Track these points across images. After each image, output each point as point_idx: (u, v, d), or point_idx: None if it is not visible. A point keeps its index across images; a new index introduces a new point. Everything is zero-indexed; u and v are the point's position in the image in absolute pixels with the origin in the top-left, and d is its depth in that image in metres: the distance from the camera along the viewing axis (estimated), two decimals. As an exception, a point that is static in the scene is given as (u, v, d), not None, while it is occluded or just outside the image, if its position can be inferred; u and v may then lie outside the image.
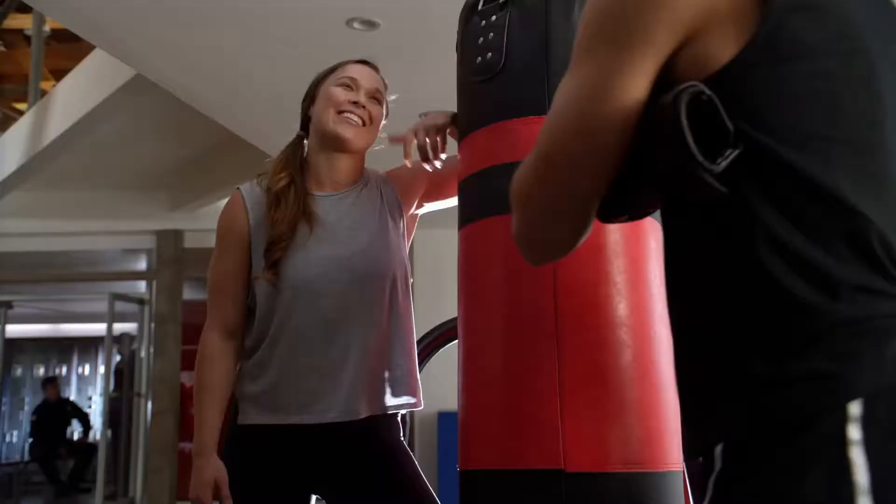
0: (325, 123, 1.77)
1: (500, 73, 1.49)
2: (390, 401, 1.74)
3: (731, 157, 0.77)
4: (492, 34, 1.52)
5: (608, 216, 0.91)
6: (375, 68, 1.87)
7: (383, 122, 1.87)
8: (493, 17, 1.53)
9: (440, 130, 1.72)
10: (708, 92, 0.77)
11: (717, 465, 0.76)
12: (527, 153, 1.45)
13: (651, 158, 0.82)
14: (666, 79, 0.83)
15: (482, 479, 1.42)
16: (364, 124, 1.79)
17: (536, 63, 1.47)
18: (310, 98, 1.85)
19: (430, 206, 1.93)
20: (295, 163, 1.81)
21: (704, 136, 0.76)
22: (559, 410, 1.34)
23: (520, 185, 0.92)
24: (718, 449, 0.76)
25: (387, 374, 1.74)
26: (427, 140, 1.72)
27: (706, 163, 0.76)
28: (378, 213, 1.81)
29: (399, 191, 1.86)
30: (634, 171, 0.85)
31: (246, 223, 1.76)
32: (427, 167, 1.76)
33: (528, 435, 1.35)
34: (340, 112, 1.76)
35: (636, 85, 0.82)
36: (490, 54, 1.51)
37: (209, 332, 1.76)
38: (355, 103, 1.77)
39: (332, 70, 1.84)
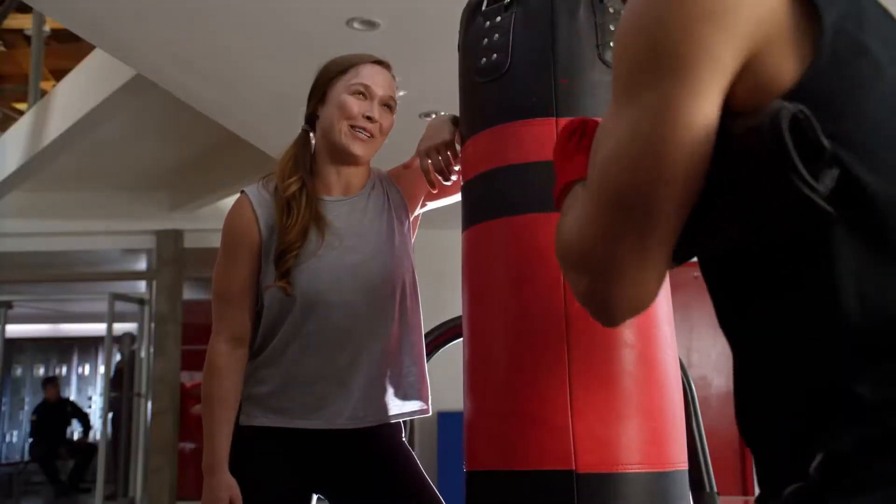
0: (337, 135, 1.73)
1: (506, 74, 1.48)
2: (400, 408, 1.74)
3: (832, 178, 0.70)
4: (496, 35, 1.51)
5: (678, 257, 0.82)
6: (388, 67, 1.82)
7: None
8: (498, 18, 1.52)
9: (448, 146, 1.70)
10: (806, 111, 0.70)
11: (814, 475, 0.71)
12: (533, 155, 1.46)
13: (740, 190, 0.74)
14: (725, 108, 0.76)
15: (490, 480, 1.42)
16: (374, 136, 1.76)
17: (543, 64, 1.46)
18: (319, 95, 1.79)
19: (432, 205, 1.92)
20: (305, 164, 1.77)
21: (801, 159, 0.70)
22: (570, 411, 1.34)
23: (579, 244, 0.83)
24: (816, 461, 0.72)
25: (397, 381, 1.73)
26: (440, 158, 1.70)
27: (814, 182, 0.69)
28: (386, 217, 1.79)
29: (404, 191, 1.85)
30: (708, 210, 0.78)
31: (256, 230, 1.72)
32: (445, 183, 1.73)
33: (538, 436, 1.35)
34: (353, 126, 1.73)
35: (706, 109, 0.75)
36: (495, 55, 1.50)
37: (217, 341, 1.71)
38: (369, 118, 1.73)
39: (345, 70, 1.76)
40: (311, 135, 1.83)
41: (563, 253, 0.86)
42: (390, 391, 1.72)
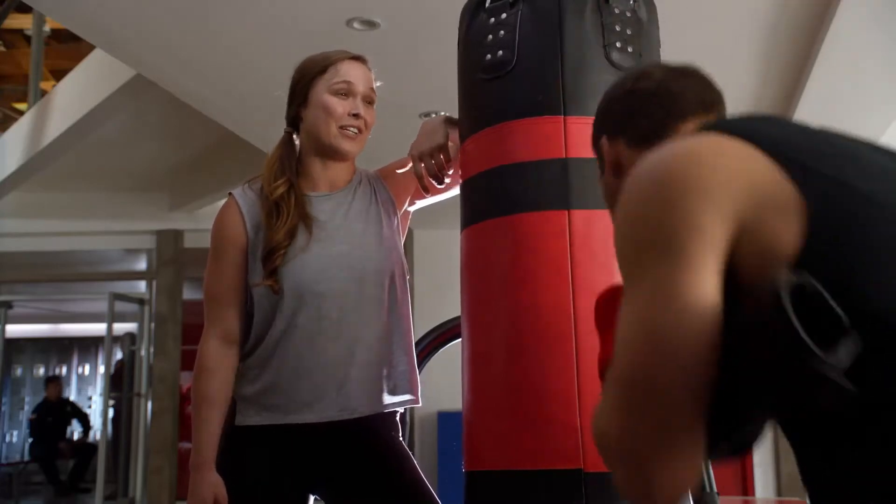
0: (325, 136, 1.75)
1: (512, 71, 1.48)
2: (391, 398, 1.74)
3: (850, 352, 0.67)
4: (502, 32, 1.50)
5: (711, 451, 0.80)
6: (365, 61, 1.83)
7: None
8: (504, 15, 1.51)
9: (442, 149, 1.71)
10: (811, 281, 0.68)
11: None
12: (541, 152, 1.45)
13: (755, 372, 0.71)
14: (734, 283, 0.76)
15: (494, 480, 1.42)
16: (361, 132, 1.78)
17: (551, 62, 1.46)
18: (301, 98, 1.79)
19: (421, 203, 1.92)
20: (291, 166, 1.78)
21: (814, 333, 0.66)
22: (578, 410, 1.34)
23: (608, 431, 0.81)
24: None
25: (388, 371, 1.74)
26: (433, 162, 1.72)
27: (824, 355, 0.65)
28: (373, 210, 1.81)
29: (391, 189, 1.86)
30: (731, 393, 0.75)
31: (243, 230, 1.74)
32: (438, 186, 1.76)
33: (546, 435, 1.35)
34: (342, 127, 1.74)
35: (704, 283, 0.74)
36: (501, 52, 1.49)
37: (208, 341, 1.74)
38: (354, 115, 1.75)
39: (324, 69, 1.77)
40: (295, 136, 1.84)
41: (598, 441, 0.84)
42: (382, 382, 1.72)
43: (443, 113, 1.81)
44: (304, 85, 1.79)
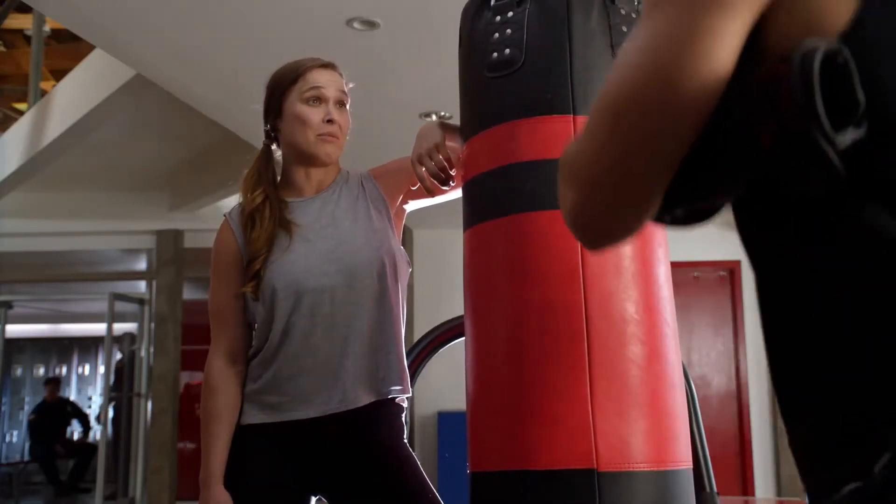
0: (304, 145, 1.79)
1: (520, 69, 1.47)
2: (385, 386, 1.75)
3: (855, 137, 0.61)
4: (509, 30, 1.49)
5: (662, 210, 0.75)
6: (334, 67, 1.86)
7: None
8: (510, 14, 1.50)
9: (440, 147, 1.68)
10: (846, 52, 0.61)
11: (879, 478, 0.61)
12: (550, 151, 1.45)
13: (749, 131, 0.65)
14: (753, 52, 0.68)
15: (503, 481, 1.41)
16: (338, 137, 1.81)
17: (560, 61, 1.45)
18: (276, 110, 1.83)
19: (414, 204, 1.91)
20: (268, 177, 1.84)
21: (828, 108, 0.60)
22: (590, 409, 1.34)
23: (575, 156, 0.77)
24: (882, 460, 0.61)
25: (381, 361, 1.75)
26: (433, 163, 1.68)
27: (832, 133, 0.59)
28: (361, 205, 1.83)
29: (382, 187, 1.87)
30: (710, 151, 0.69)
31: (236, 247, 1.80)
32: (443, 188, 1.71)
33: (558, 435, 1.35)
34: (319, 134, 1.78)
35: (732, 37, 0.67)
36: (508, 50, 1.48)
37: (213, 359, 1.78)
38: (329, 122, 1.78)
39: (294, 80, 1.81)
40: (273, 147, 1.88)
41: (560, 163, 0.80)
42: (376, 371, 1.74)
43: (443, 113, 1.80)
44: (276, 98, 1.84)
